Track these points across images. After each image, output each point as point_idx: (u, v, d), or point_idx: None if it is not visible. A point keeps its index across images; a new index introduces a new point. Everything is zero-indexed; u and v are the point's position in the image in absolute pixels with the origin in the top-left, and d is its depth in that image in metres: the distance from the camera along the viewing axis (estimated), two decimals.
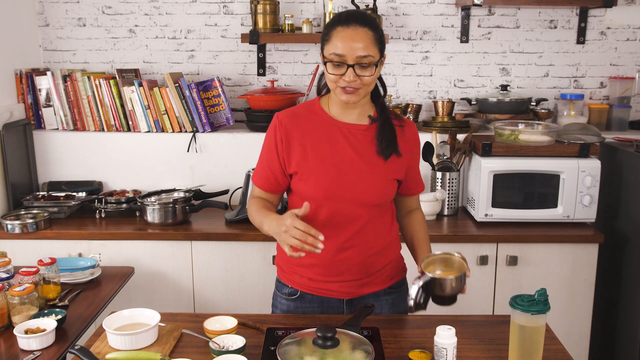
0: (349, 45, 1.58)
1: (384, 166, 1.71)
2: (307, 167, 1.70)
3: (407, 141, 1.76)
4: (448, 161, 2.90)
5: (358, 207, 1.71)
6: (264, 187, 1.78)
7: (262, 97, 2.98)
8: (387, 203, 1.78)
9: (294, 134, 1.72)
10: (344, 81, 1.61)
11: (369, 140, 1.72)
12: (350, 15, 1.63)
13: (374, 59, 1.61)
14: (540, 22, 3.15)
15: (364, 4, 3.07)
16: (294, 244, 1.50)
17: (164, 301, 2.69)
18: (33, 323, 1.70)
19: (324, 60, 1.65)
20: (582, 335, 2.71)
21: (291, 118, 1.74)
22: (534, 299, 1.43)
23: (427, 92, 3.24)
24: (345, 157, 1.70)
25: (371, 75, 1.62)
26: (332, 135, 1.72)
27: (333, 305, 1.80)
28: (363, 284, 1.78)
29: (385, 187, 1.73)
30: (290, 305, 1.83)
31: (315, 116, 1.74)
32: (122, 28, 3.19)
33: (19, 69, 3.00)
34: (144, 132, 3.01)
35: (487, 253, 2.63)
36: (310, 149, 1.71)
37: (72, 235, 2.65)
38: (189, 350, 1.58)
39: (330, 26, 1.64)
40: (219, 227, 2.71)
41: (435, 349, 1.46)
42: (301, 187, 1.72)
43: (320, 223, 1.71)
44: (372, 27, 1.61)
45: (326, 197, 1.69)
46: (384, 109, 1.75)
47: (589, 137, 2.77)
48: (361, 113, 1.74)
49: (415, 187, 1.86)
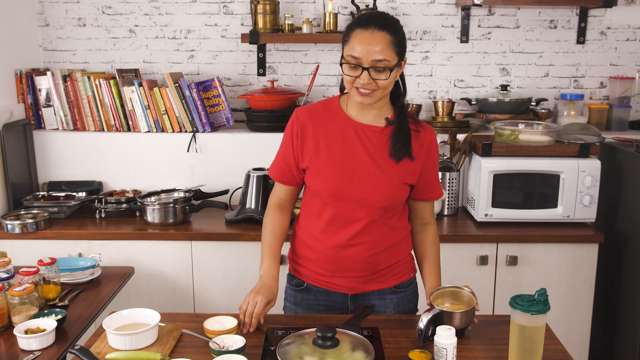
0: (366, 49, 1.59)
1: (395, 169, 1.71)
2: (317, 163, 1.73)
3: (423, 146, 1.74)
4: (448, 161, 2.90)
5: (364, 208, 1.71)
6: (277, 179, 1.83)
7: (262, 97, 2.98)
8: (394, 207, 1.76)
9: (310, 130, 1.74)
10: (358, 83, 1.62)
11: (382, 142, 1.72)
12: (370, 17, 1.63)
13: (389, 63, 1.61)
14: (540, 22, 3.15)
15: (364, 4, 3.07)
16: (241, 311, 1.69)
17: (164, 301, 2.69)
18: (33, 323, 1.70)
19: (342, 60, 1.66)
20: (582, 335, 2.71)
21: (309, 114, 1.77)
22: (534, 299, 1.43)
23: (427, 92, 3.24)
24: (356, 157, 1.71)
25: (386, 79, 1.62)
26: (346, 134, 1.73)
27: (338, 299, 1.82)
28: (368, 281, 1.79)
29: (393, 190, 1.72)
30: (297, 297, 1.86)
31: (333, 114, 1.76)
32: (122, 28, 3.19)
33: (19, 69, 3.00)
34: (144, 132, 3.01)
35: (487, 253, 2.63)
36: (323, 146, 1.73)
37: (72, 235, 2.65)
38: (189, 350, 1.58)
39: (350, 27, 1.64)
40: (219, 227, 2.71)
41: (435, 349, 1.46)
42: (311, 182, 1.75)
43: (326, 219, 1.74)
44: (390, 31, 1.61)
45: (333, 194, 1.71)
46: (402, 111, 1.74)
47: (589, 137, 2.77)
48: (378, 114, 1.74)
49: (430, 193, 1.82)
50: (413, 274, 1.90)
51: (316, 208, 1.77)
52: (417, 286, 1.92)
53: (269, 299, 1.71)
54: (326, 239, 1.75)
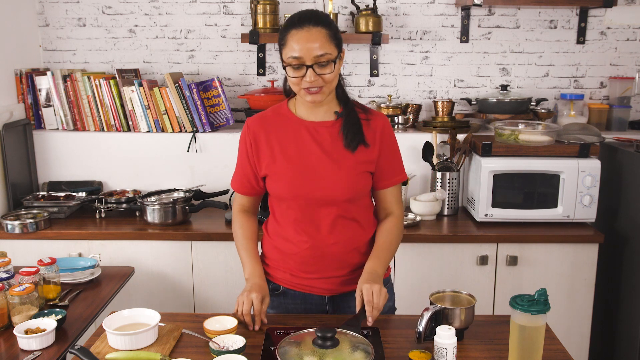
0: (305, 47, 1.61)
1: (352, 159, 1.72)
2: (275, 169, 1.74)
3: (376, 132, 1.75)
4: (448, 161, 2.90)
5: (328, 205, 1.72)
6: (240, 191, 1.86)
7: (262, 97, 2.98)
8: (359, 197, 1.76)
9: (262, 138, 1.77)
10: (305, 82, 1.63)
11: (335, 135, 1.73)
12: (302, 16, 1.66)
13: (331, 56, 1.63)
14: (540, 22, 3.15)
15: (364, 4, 3.07)
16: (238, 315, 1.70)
17: (164, 301, 2.69)
18: (33, 323, 1.70)
19: (283, 64, 1.67)
20: (582, 335, 2.71)
21: (259, 122, 1.79)
22: (534, 299, 1.43)
23: (427, 92, 3.24)
24: (312, 155, 1.72)
25: (331, 72, 1.64)
26: (299, 135, 1.74)
27: (316, 302, 1.82)
28: (344, 281, 1.79)
29: (354, 181, 1.72)
30: (274, 301, 1.85)
31: (283, 118, 1.78)
32: (122, 28, 3.19)
33: (19, 69, 3.00)
34: (144, 132, 3.01)
35: (487, 253, 2.63)
36: (278, 151, 1.75)
37: (72, 235, 2.65)
38: (189, 350, 1.58)
39: (285, 30, 1.66)
40: (219, 227, 2.71)
41: (435, 349, 1.46)
42: (272, 188, 1.77)
43: (293, 222, 1.75)
44: (325, 25, 1.64)
45: (295, 197, 1.73)
46: (347, 102, 1.77)
47: (589, 137, 2.77)
48: (327, 110, 1.76)
49: (390, 179, 1.78)
50: (387, 272, 1.88)
51: (282, 211, 1.78)
52: (392, 285, 1.96)
53: (262, 295, 1.71)
54: (298, 241, 1.75)
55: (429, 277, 2.64)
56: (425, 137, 2.96)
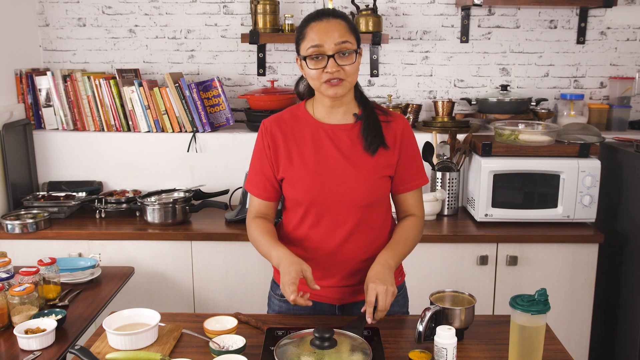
0: (326, 35, 1.59)
1: (371, 163, 1.68)
2: (292, 173, 1.70)
3: (396, 134, 1.71)
4: (448, 161, 2.90)
5: (346, 209, 1.68)
6: (261, 196, 1.76)
7: (262, 97, 2.98)
8: (378, 202, 1.72)
9: (280, 139, 1.72)
10: (327, 73, 1.60)
11: (354, 138, 1.69)
12: (320, 11, 1.65)
13: (352, 46, 1.61)
14: (540, 22, 3.15)
15: (364, 4, 3.07)
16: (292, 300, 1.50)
17: (164, 301, 2.69)
18: (33, 323, 1.70)
19: (302, 58, 1.64)
20: (582, 335, 2.71)
21: (277, 123, 1.74)
22: (534, 299, 1.43)
23: (427, 92, 3.24)
24: (330, 159, 1.68)
25: (352, 63, 1.61)
26: (317, 137, 1.70)
27: (325, 310, 1.79)
28: (356, 291, 1.75)
29: (373, 185, 1.68)
30: (282, 307, 1.82)
31: (300, 120, 1.73)
32: (122, 28, 3.19)
33: (19, 69, 3.00)
34: (144, 132, 3.01)
35: (487, 253, 2.63)
36: (295, 154, 1.70)
37: (72, 235, 2.65)
38: (189, 350, 1.58)
39: (302, 26, 1.65)
40: (219, 227, 2.71)
41: (435, 349, 1.46)
42: (289, 192, 1.72)
43: (310, 227, 1.71)
44: (344, 19, 1.64)
45: (313, 201, 1.68)
46: (366, 104, 1.73)
47: (589, 137, 2.77)
48: (346, 112, 1.71)
49: (410, 182, 1.74)
50: (402, 278, 1.87)
51: (299, 215, 1.72)
52: (407, 290, 1.90)
53: (301, 269, 1.55)
54: (313, 246, 1.71)
55: (429, 277, 2.64)
56: (425, 137, 2.96)
